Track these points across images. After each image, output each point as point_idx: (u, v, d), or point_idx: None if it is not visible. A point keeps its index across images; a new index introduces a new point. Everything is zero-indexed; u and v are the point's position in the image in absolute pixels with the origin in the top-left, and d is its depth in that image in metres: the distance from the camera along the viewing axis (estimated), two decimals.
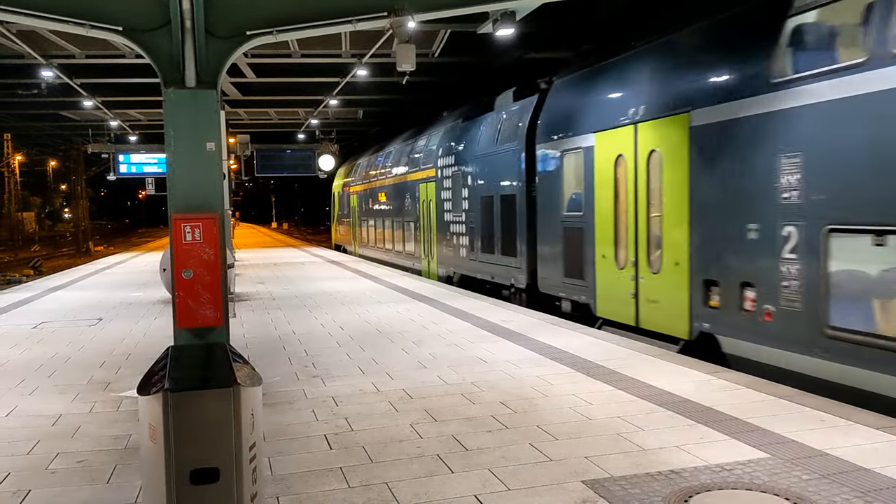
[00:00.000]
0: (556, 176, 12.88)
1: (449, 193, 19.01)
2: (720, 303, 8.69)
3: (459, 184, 18.14)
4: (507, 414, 6.55)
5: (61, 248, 61.12)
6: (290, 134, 34.36)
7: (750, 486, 4.76)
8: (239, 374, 3.75)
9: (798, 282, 7.49)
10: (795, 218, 7.50)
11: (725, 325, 8.62)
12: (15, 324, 12.42)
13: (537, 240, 13.73)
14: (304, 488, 4.95)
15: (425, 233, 21.35)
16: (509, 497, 4.72)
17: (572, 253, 12.31)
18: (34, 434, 6.28)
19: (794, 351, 7.58)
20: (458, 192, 18.23)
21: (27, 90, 23.02)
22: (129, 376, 8.32)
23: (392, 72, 18.90)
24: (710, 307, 8.86)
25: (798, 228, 7.48)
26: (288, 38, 7.38)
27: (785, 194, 7.64)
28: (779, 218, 7.72)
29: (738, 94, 8.35)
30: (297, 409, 6.87)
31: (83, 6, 6.67)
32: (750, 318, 8.17)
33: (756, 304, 8.08)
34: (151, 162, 25.34)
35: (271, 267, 24.59)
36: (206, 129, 6.76)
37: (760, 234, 8.00)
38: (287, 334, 10.93)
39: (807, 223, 7.36)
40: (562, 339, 9.89)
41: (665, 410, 6.48)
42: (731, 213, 8.48)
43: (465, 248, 17.91)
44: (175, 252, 6.53)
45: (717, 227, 8.73)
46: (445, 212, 19.33)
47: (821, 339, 7.21)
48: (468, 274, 17.88)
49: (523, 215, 14.30)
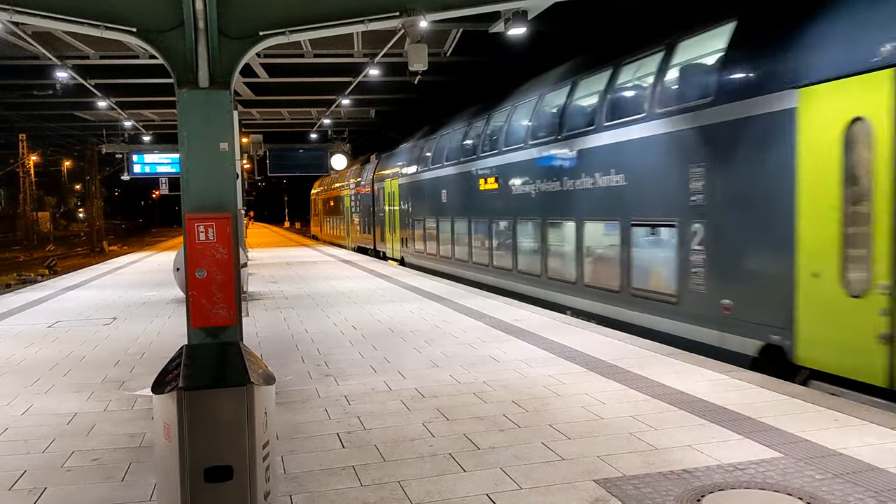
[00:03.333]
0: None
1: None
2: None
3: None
4: (520, 413, 6.55)
5: (76, 247, 61.57)
6: (302, 134, 34.43)
7: (763, 486, 4.75)
8: (252, 373, 3.77)
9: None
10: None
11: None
12: (30, 323, 12.52)
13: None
14: (316, 486, 4.97)
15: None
16: (521, 496, 4.72)
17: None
18: (50, 432, 6.34)
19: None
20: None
21: (42, 91, 23.23)
22: (143, 375, 8.37)
23: (404, 71, 18.91)
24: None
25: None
26: (300, 38, 7.40)
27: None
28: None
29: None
30: (310, 408, 6.90)
31: (98, 7, 6.71)
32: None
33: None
34: (165, 162, 25.41)
35: (284, 266, 24.67)
36: (219, 129, 6.78)
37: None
38: (300, 333, 10.97)
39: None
40: (574, 338, 9.87)
41: (678, 410, 6.47)
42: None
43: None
44: (189, 252, 6.56)
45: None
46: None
47: None
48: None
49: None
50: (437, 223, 21.54)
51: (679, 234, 10.02)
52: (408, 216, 25.05)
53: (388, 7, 7.25)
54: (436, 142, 22.30)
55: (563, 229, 13.74)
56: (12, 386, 8.02)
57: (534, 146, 14.72)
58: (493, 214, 17.14)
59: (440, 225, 21.30)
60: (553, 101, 14.45)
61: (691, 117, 9.76)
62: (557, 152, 13.68)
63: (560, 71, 14.75)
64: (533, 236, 15.08)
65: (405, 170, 25.61)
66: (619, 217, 11.56)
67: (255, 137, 26.57)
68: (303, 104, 27.04)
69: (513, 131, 16.12)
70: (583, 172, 12.73)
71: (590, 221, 12.67)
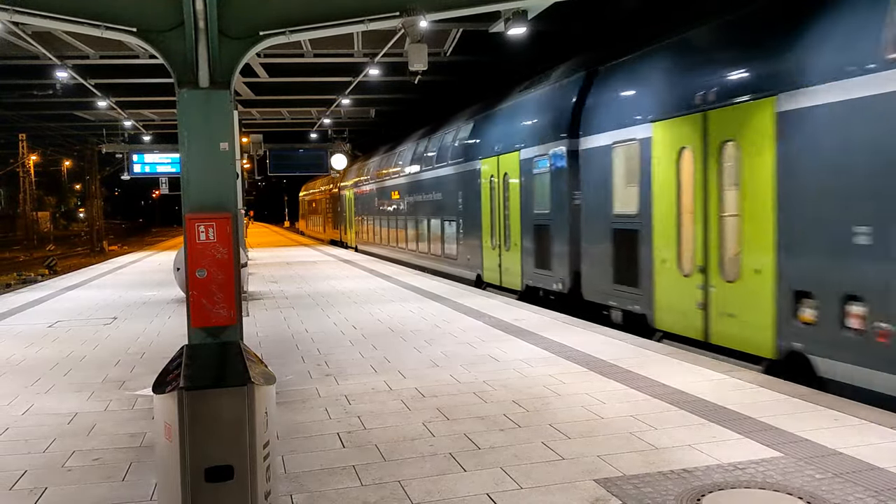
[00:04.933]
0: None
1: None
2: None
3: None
4: (520, 413, 6.55)
5: (76, 247, 61.59)
6: (302, 133, 34.47)
7: (763, 485, 4.75)
8: (253, 373, 3.77)
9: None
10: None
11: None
12: (30, 323, 12.53)
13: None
14: (317, 486, 4.98)
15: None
16: (522, 495, 4.73)
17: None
18: (50, 432, 6.34)
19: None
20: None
21: (42, 91, 23.22)
22: (143, 375, 8.38)
23: (404, 71, 18.87)
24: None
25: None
26: (300, 38, 7.41)
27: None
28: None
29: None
30: (311, 408, 6.90)
31: (98, 8, 6.72)
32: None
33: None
34: (165, 162, 25.43)
35: (284, 266, 24.68)
36: (219, 129, 6.79)
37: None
38: (300, 333, 10.98)
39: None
40: (574, 337, 9.88)
41: (678, 409, 6.47)
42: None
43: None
44: (189, 251, 6.57)
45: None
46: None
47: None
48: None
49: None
50: (373, 221, 31.10)
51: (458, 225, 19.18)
52: (357, 216, 35.55)
53: (388, 7, 7.26)
54: (369, 164, 32.44)
55: (420, 224, 23.16)
56: (13, 386, 8.03)
57: (404, 176, 25.27)
58: (394, 215, 26.95)
59: (374, 222, 30.85)
60: (413, 149, 24.41)
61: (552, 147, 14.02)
62: (415, 180, 23.68)
63: (420, 132, 24.89)
64: (409, 227, 24.76)
65: (354, 181, 35.97)
66: (438, 216, 20.96)
67: (255, 137, 26.59)
68: (303, 104, 27.04)
69: (398, 164, 26.48)
70: (424, 191, 22.45)
71: (431, 218, 21.84)
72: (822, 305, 7.35)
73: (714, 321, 9.02)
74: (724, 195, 8.90)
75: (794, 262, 7.70)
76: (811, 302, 7.51)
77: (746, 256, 8.40)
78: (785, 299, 7.81)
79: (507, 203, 15.36)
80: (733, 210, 8.74)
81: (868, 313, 6.81)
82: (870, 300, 6.80)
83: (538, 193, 13.86)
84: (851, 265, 6.96)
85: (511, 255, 15.29)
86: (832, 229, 7.18)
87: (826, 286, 7.29)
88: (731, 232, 8.83)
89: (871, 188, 6.72)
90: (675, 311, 9.83)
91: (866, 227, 6.80)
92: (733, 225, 8.75)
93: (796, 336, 7.68)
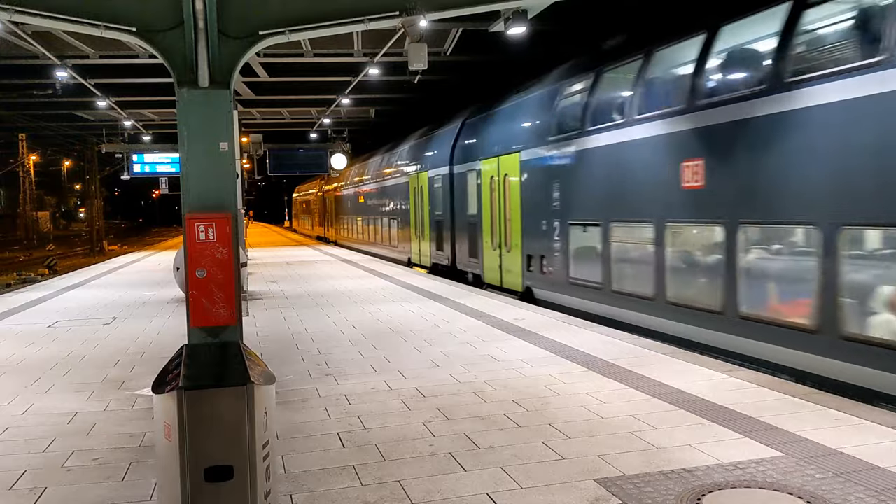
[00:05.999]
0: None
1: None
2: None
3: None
4: (520, 412, 6.55)
5: (76, 247, 61.54)
6: (302, 133, 34.40)
7: (763, 485, 4.75)
8: (253, 373, 3.77)
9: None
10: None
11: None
12: (30, 322, 12.53)
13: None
14: (317, 486, 4.98)
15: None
16: (522, 495, 4.73)
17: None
18: (50, 432, 6.34)
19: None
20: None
21: (42, 90, 23.19)
22: (143, 375, 8.38)
23: (404, 70, 18.90)
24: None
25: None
26: (300, 37, 7.40)
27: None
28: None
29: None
30: (311, 408, 6.90)
31: (98, 7, 6.71)
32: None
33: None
34: (165, 162, 25.41)
35: (284, 266, 24.68)
36: (219, 128, 6.78)
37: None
38: (300, 333, 10.98)
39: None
40: (574, 337, 9.88)
41: (678, 409, 6.47)
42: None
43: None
44: (189, 251, 6.56)
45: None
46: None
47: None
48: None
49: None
50: (347, 220, 39.50)
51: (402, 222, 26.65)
52: (337, 216, 43.96)
53: (388, 7, 7.25)
54: (346, 171, 38.26)
55: (375, 221, 30.94)
56: (12, 386, 8.03)
57: (366, 184, 33.24)
58: (359, 214, 34.99)
59: (348, 221, 39.04)
60: (369, 164, 32.84)
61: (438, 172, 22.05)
62: (371, 188, 31.83)
63: (383, 149, 31.87)
64: (369, 224, 32.41)
65: (334, 186, 44.05)
66: (387, 216, 28.49)
67: (255, 137, 26.55)
68: (303, 104, 27.01)
69: (361, 175, 34.56)
70: (377, 197, 30.40)
71: (383, 217, 29.24)
72: (534, 262, 14.44)
73: (504, 274, 16.12)
74: (506, 205, 15.73)
75: (526, 240, 14.72)
76: (532, 260, 14.53)
77: (512, 238, 15.46)
78: (525, 260, 14.88)
79: (422, 206, 22.92)
80: (509, 213, 15.58)
81: (546, 263, 13.87)
82: (547, 257, 13.86)
83: (438, 200, 21.06)
84: (541, 241, 14.00)
85: (424, 243, 22.95)
86: (536, 222, 14.16)
87: (535, 251, 14.38)
88: (508, 225, 15.66)
89: (544, 202, 13.70)
90: (491, 270, 16.96)
91: (545, 221, 13.75)
92: (509, 221, 15.57)
93: (528, 279, 14.81)
